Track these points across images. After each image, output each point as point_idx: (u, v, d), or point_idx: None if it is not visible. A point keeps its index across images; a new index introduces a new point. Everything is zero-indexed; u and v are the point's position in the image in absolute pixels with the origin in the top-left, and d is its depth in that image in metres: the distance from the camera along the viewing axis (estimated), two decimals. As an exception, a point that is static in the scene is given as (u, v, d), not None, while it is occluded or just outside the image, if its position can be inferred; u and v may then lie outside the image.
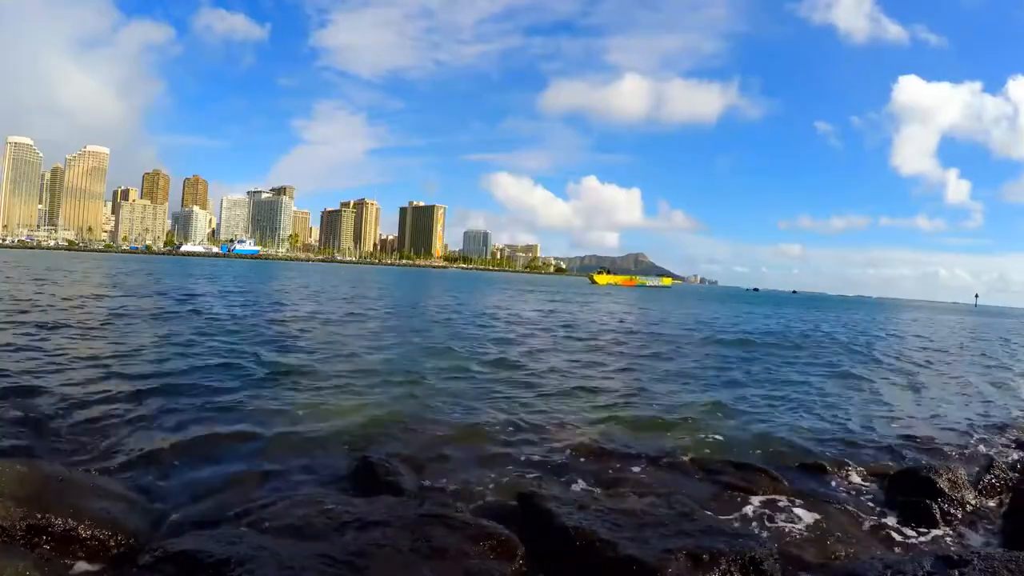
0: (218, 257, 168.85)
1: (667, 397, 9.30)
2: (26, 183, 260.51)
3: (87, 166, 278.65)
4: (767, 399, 9.71)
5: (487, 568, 3.36)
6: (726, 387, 10.52)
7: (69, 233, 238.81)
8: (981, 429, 8.44)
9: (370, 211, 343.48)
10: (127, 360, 9.26)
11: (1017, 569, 3.38)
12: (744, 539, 3.68)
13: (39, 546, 3.13)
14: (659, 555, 3.41)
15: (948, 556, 3.62)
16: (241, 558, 3.01)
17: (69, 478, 3.81)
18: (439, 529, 3.60)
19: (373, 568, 3.14)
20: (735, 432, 7.36)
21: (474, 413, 7.43)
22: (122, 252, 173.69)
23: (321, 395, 7.83)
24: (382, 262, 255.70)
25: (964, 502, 5.04)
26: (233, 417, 6.56)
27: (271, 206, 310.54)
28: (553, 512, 3.91)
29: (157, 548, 3.20)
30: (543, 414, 7.64)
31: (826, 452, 6.71)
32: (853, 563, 3.85)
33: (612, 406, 8.36)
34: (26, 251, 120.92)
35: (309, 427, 6.39)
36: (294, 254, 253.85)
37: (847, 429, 7.92)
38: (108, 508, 3.56)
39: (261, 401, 7.31)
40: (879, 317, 49.79)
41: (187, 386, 7.75)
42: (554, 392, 9.09)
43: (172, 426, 6.06)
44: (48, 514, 3.23)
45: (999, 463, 5.87)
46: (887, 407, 9.71)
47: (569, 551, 3.59)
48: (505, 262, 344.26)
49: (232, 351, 10.74)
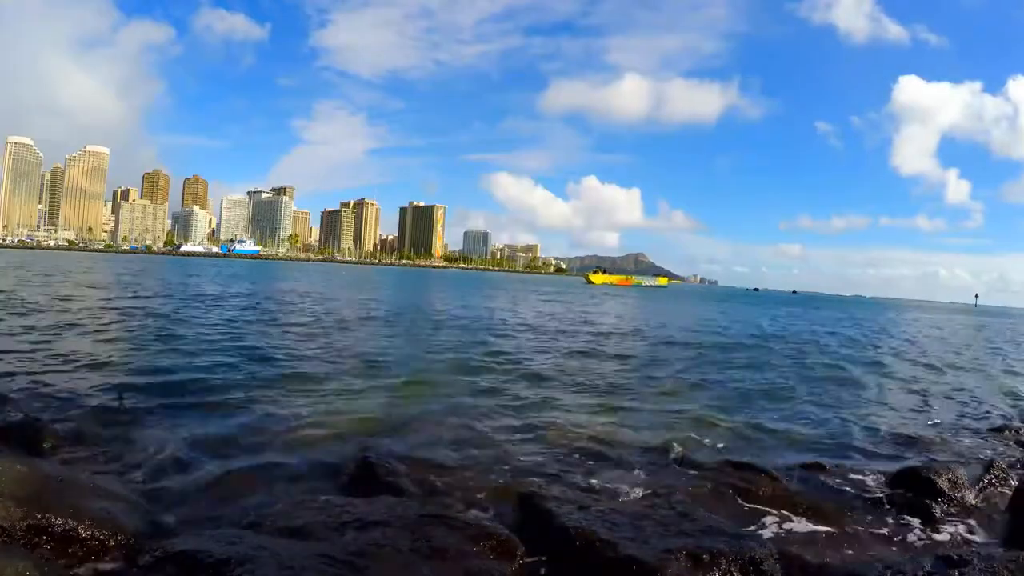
0: (218, 257, 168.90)
1: (667, 398, 9.31)
2: (26, 183, 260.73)
3: (87, 166, 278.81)
4: (767, 400, 9.73)
5: (487, 568, 3.36)
6: (726, 388, 10.53)
7: (69, 233, 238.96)
8: (981, 429, 8.44)
9: (370, 211, 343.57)
10: (127, 360, 9.29)
11: (1017, 569, 3.38)
12: (744, 539, 3.68)
13: (39, 546, 3.13)
14: (659, 555, 3.42)
15: (948, 556, 3.63)
16: (241, 558, 3.01)
17: (69, 478, 3.80)
18: (439, 529, 3.60)
19: (373, 568, 3.14)
20: (736, 433, 7.37)
21: (474, 413, 7.44)
22: (122, 252, 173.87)
23: (321, 396, 7.84)
24: (382, 262, 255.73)
25: (964, 502, 5.04)
26: (233, 417, 6.57)
27: (271, 206, 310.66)
28: (553, 512, 3.91)
29: (157, 548, 3.19)
30: (543, 415, 7.65)
31: (826, 452, 6.73)
32: (853, 563, 3.85)
33: (612, 407, 8.37)
34: (26, 251, 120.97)
35: (309, 427, 6.40)
36: (294, 254, 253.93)
37: (847, 430, 7.93)
38: (108, 508, 3.56)
39: (261, 401, 7.31)
40: (878, 317, 49.78)
41: (188, 386, 7.76)
42: (553, 393, 9.10)
43: (172, 426, 6.06)
44: (48, 514, 3.22)
45: (999, 463, 5.87)
46: (887, 407, 9.71)
47: (569, 551, 3.59)
48: (505, 262, 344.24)
49: (233, 352, 10.75)
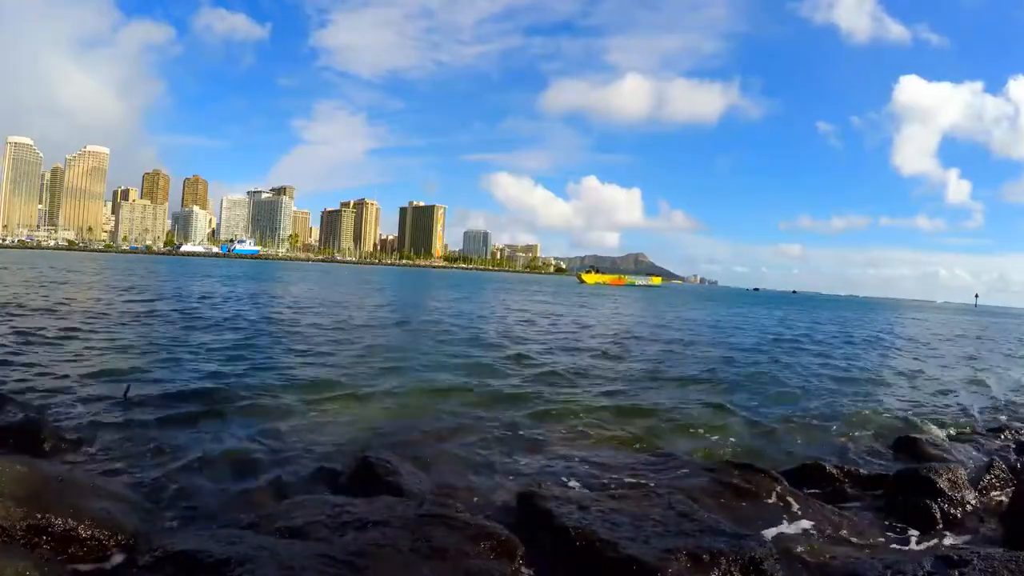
0: (218, 257, 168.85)
1: (667, 399, 9.31)
2: (26, 183, 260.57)
3: (87, 166, 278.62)
4: (767, 400, 9.73)
5: (487, 568, 3.36)
6: (726, 389, 10.52)
7: (69, 233, 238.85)
8: (981, 429, 8.44)
9: (370, 211, 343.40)
10: (127, 361, 9.28)
11: (1017, 569, 3.38)
12: (744, 539, 3.68)
13: (39, 546, 3.13)
14: (659, 555, 3.41)
15: (948, 556, 3.63)
16: (241, 558, 3.01)
17: (69, 478, 3.81)
18: (439, 529, 3.60)
19: (373, 568, 3.14)
20: (736, 433, 7.38)
21: (473, 414, 7.44)
22: (122, 252, 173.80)
23: (321, 396, 7.83)
24: (382, 262, 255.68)
25: (964, 502, 5.03)
26: (233, 418, 6.57)
27: (271, 206, 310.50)
28: (553, 512, 3.91)
29: (157, 548, 3.19)
30: (542, 415, 7.65)
31: (826, 453, 6.73)
32: (853, 563, 3.85)
33: (611, 407, 8.36)
34: (26, 251, 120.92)
35: (309, 428, 6.41)
36: (294, 254, 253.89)
37: (846, 430, 7.93)
38: (108, 508, 3.56)
39: (262, 402, 7.32)
40: (876, 317, 49.75)
41: (188, 387, 7.76)
42: (553, 393, 9.09)
43: (172, 426, 6.06)
44: (48, 514, 3.22)
45: (999, 463, 5.86)
46: (886, 407, 9.70)
47: (569, 551, 3.59)
48: (505, 262, 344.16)
49: (233, 353, 10.76)
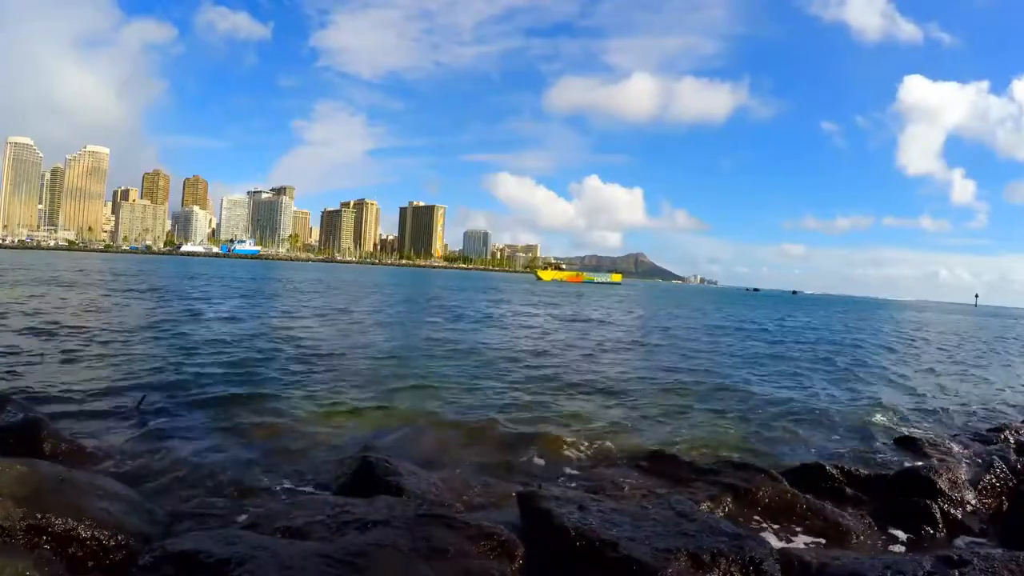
0: (218, 257, 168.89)
1: (666, 399, 9.31)
2: (26, 183, 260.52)
3: (87, 166, 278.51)
4: (767, 400, 9.72)
5: (487, 568, 3.36)
6: (726, 389, 10.52)
7: (69, 233, 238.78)
8: (981, 429, 8.43)
9: (370, 211, 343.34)
10: (128, 361, 9.28)
11: (1017, 569, 3.38)
12: (744, 539, 3.67)
13: (39, 546, 3.12)
14: (659, 555, 3.41)
15: (948, 556, 3.62)
16: (241, 558, 3.01)
17: (69, 478, 3.80)
18: (439, 529, 3.59)
19: (373, 568, 3.14)
20: (736, 433, 7.39)
21: (473, 414, 7.44)
22: (122, 252, 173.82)
23: (322, 397, 7.84)
24: (382, 262, 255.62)
25: (964, 502, 5.03)
26: (234, 418, 6.57)
27: (271, 206, 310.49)
28: (553, 512, 3.90)
29: (157, 548, 3.19)
30: (542, 415, 7.65)
31: (826, 453, 6.73)
32: (853, 563, 3.84)
33: (611, 407, 8.37)
34: (26, 251, 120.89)
35: (310, 428, 6.41)
36: (294, 254, 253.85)
37: (846, 430, 7.93)
38: (108, 508, 3.55)
39: (262, 402, 7.32)
40: (872, 317, 49.73)
41: (188, 387, 7.77)
42: (553, 394, 9.09)
43: (173, 427, 6.07)
44: (48, 514, 3.22)
45: (999, 463, 5.86)
46: (886, 408, 9.70)
47: (569, 551, 3.59)
48: (505, 262, 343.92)
49: (234, 354, 10.76)
